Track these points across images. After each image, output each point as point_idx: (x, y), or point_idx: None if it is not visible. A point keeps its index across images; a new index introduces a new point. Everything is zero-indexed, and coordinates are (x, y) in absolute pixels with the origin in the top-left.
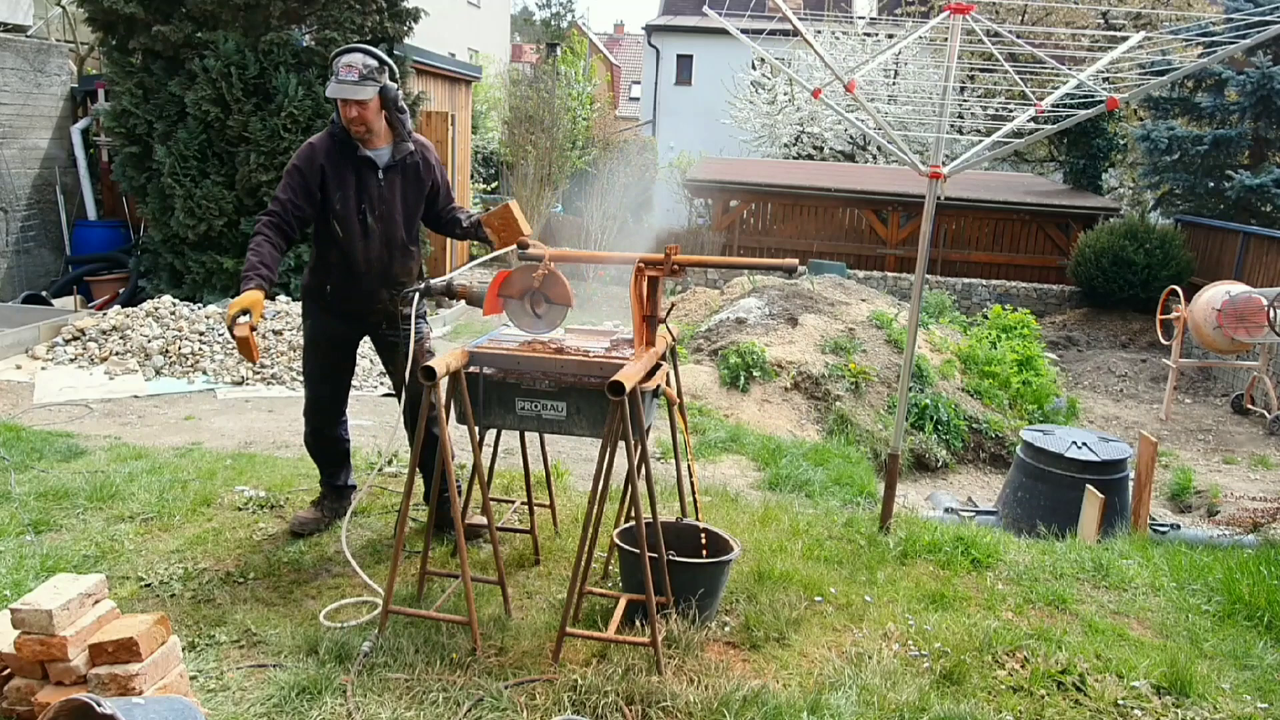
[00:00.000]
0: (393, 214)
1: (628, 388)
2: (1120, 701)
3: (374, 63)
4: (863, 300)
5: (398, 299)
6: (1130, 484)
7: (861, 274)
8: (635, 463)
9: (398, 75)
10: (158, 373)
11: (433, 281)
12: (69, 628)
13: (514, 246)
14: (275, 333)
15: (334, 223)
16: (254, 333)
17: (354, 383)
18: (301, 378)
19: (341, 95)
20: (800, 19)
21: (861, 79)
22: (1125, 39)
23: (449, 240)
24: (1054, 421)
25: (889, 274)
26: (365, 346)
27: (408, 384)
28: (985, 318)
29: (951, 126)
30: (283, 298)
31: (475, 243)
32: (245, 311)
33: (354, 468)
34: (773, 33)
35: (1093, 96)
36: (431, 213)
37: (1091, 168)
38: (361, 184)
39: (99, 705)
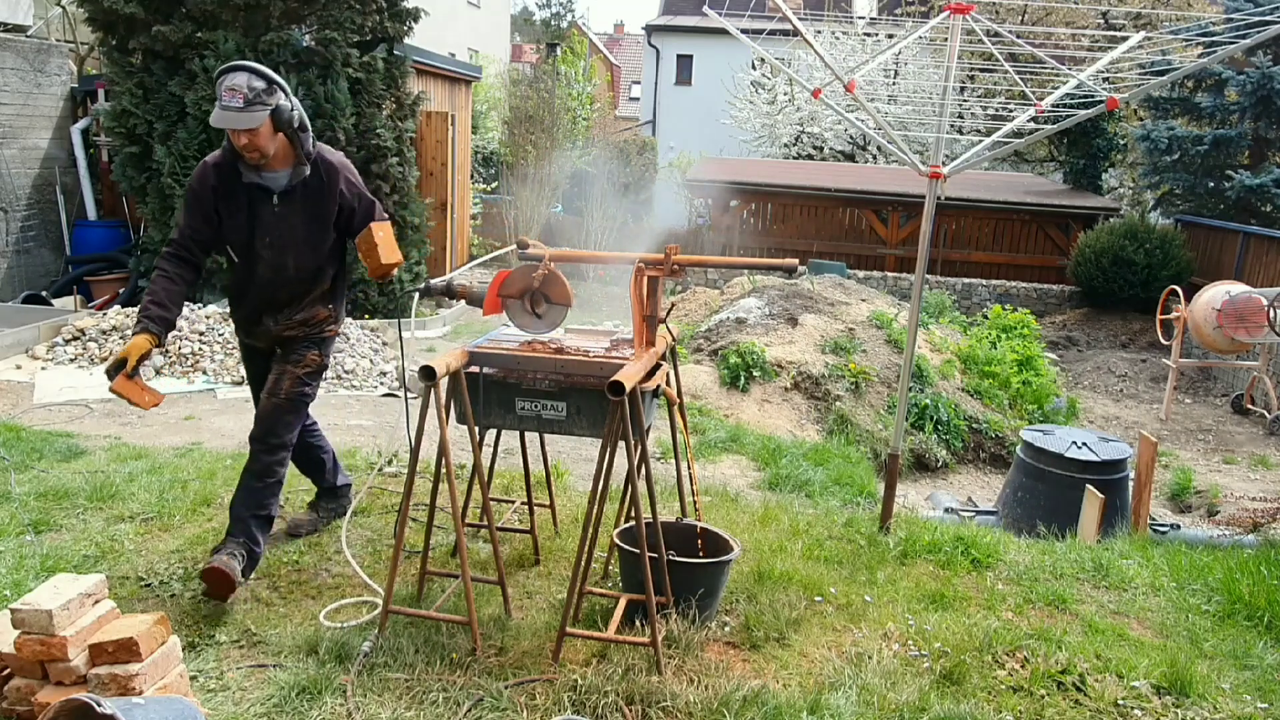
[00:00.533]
0: (285, 242)
1: (628, 388)
2: (1120, 701)
3: (260, 84)
4: (863, 300)
5: (283, 326)
6: (1130, 484)
7: (861, 274)
8: (635, 463)
9: (289, 91)
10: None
11: (433, 281)
12: (69, 628)
13: (513, 246)
14: None
15: (227, 247)
16: (137, 378)
17: (354, 383)
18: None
19: (225, 125)
20: (800, 19)
21: (861, 79)
22: (1125, 39)
23: (449, 240)
24: (1054, 421)
25: (889, 274)
26: (364, 345)
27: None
28: (985, 318)
29: (951, 126)
30: None
31: (475, 243)
32: (123, 361)
33: (354, 468)
34: (773, 33)
35: (1093, 96)
36: (345, 237)
37: (1091, 168)
38: (254, 210)
39: (99, 705)
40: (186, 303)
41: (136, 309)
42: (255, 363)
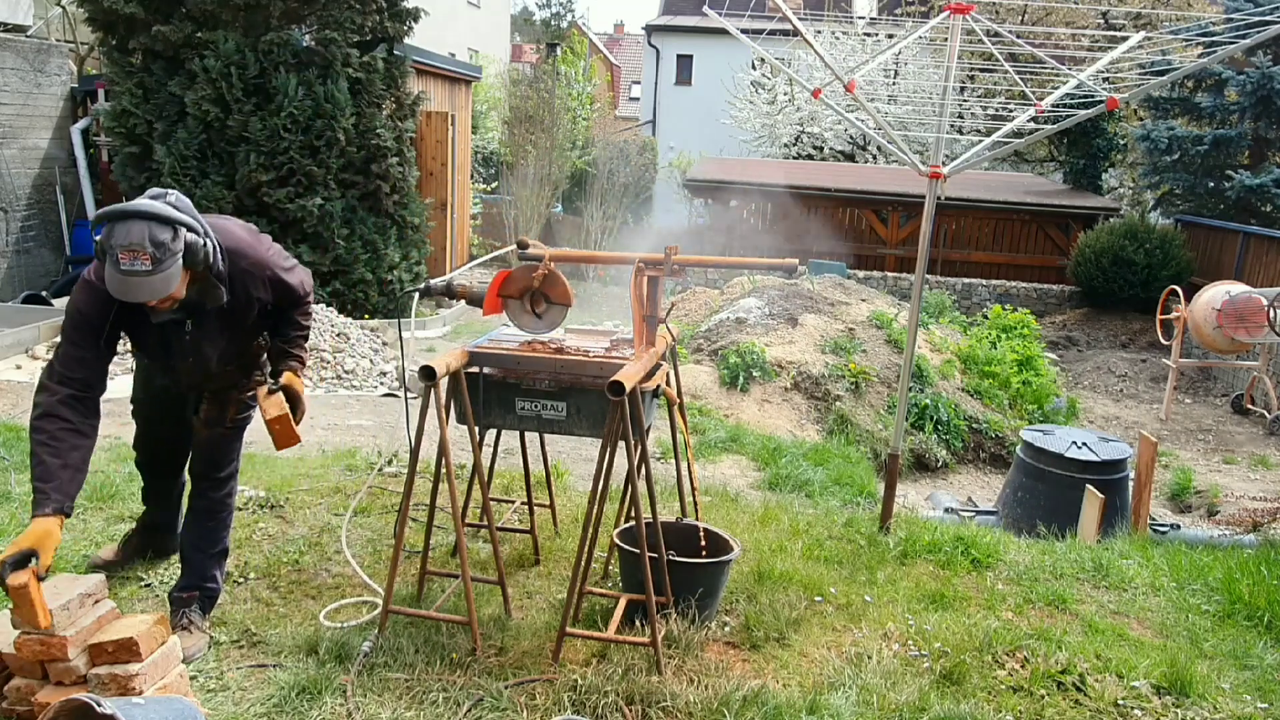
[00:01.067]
0: (206, 355)
1: (628, 388)
2: (1120, 701)
3: (164, 232)
4: (863, 300)
5: (214, 395)
6: (1130, 484)
7: (861, 274)
8: (635, 463)
9: (192, 212)
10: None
11: (433, 282)
12: (69, 628)
13: (513, 246)
14: None
15: (137, 351)
16: (42, 582)
17: (354, 383)
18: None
19: (134, 298)
20: (800, 19)
21: (861, 79)
22: (1125, 39)
23: (449, 240)
24: (1054, 421)
25: (889, 274)
26: (364, 345)
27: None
28: (985, 318)
29: (951, 126)
30: None
31: (475, 243)
32: (30, 554)
33: (354, 468)
34: (773, 33)
35: (1093, 96)
36: (268, 323)
37: (1091, 168)
38: (166, 338)
39: (99, 705)
40: None
41: (32, 478)
42: (169, 396)
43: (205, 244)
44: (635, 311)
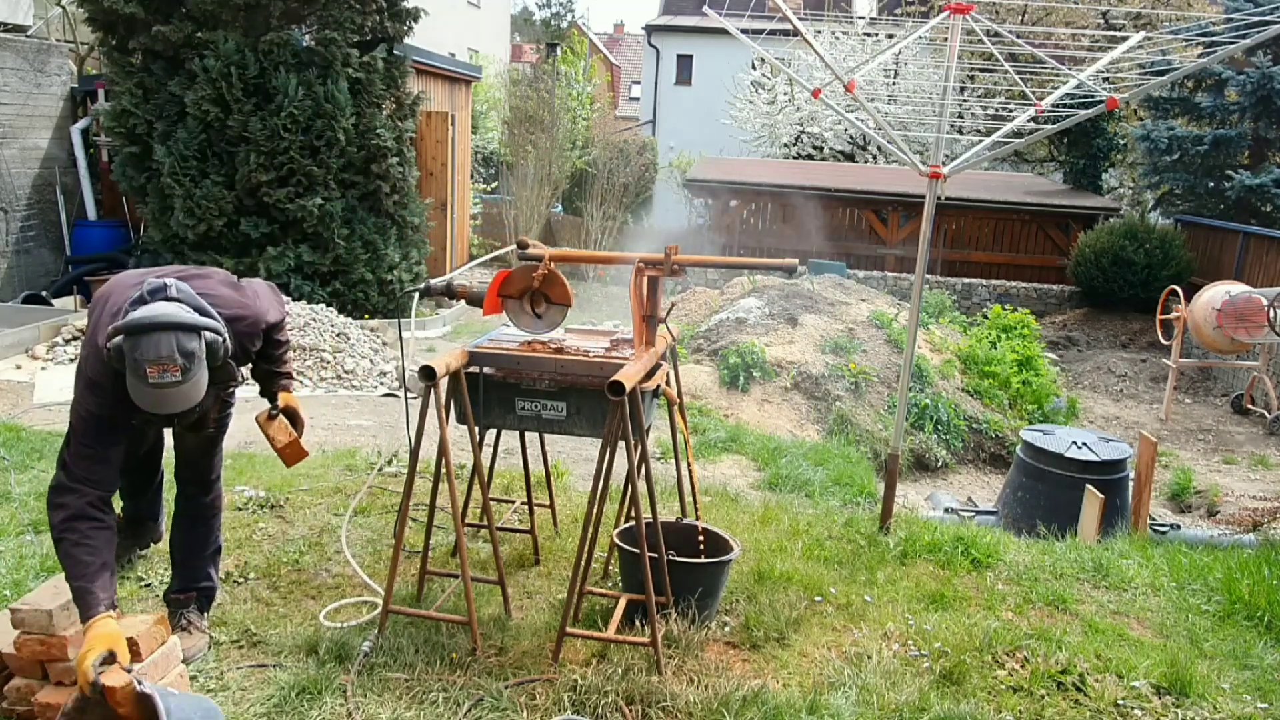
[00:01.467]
0: (204, 420)
1: (628, 388)
2: (1120, 701)
3: (192, 341)
4: (863, 300)
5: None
6: (1130, 484)
7: (861, 274)
8: (635, 463)
9: (209, 320)
10: None
11: (433, 282)
12: (69, 628)
13: (513, 246)
14: None
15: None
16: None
17: (354, 383)
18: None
19: (169, 410)
20: (800, 19)
21: (861, 79)
22: (1125, 39)
23: (449, 240)
24: (1054, 421)
25: (889, 274)
26: (364, 345)
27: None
28: (985, 318)
29: (951, 126)
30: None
31: (475, 243)
32: (112, 656)
33: (354, 468)
34: (773, 33)
35: (1093, 96)
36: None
37: (1091, 168)
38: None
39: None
40: None
41: (75, 594)
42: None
43: (222, 337)
44: (635, 311)
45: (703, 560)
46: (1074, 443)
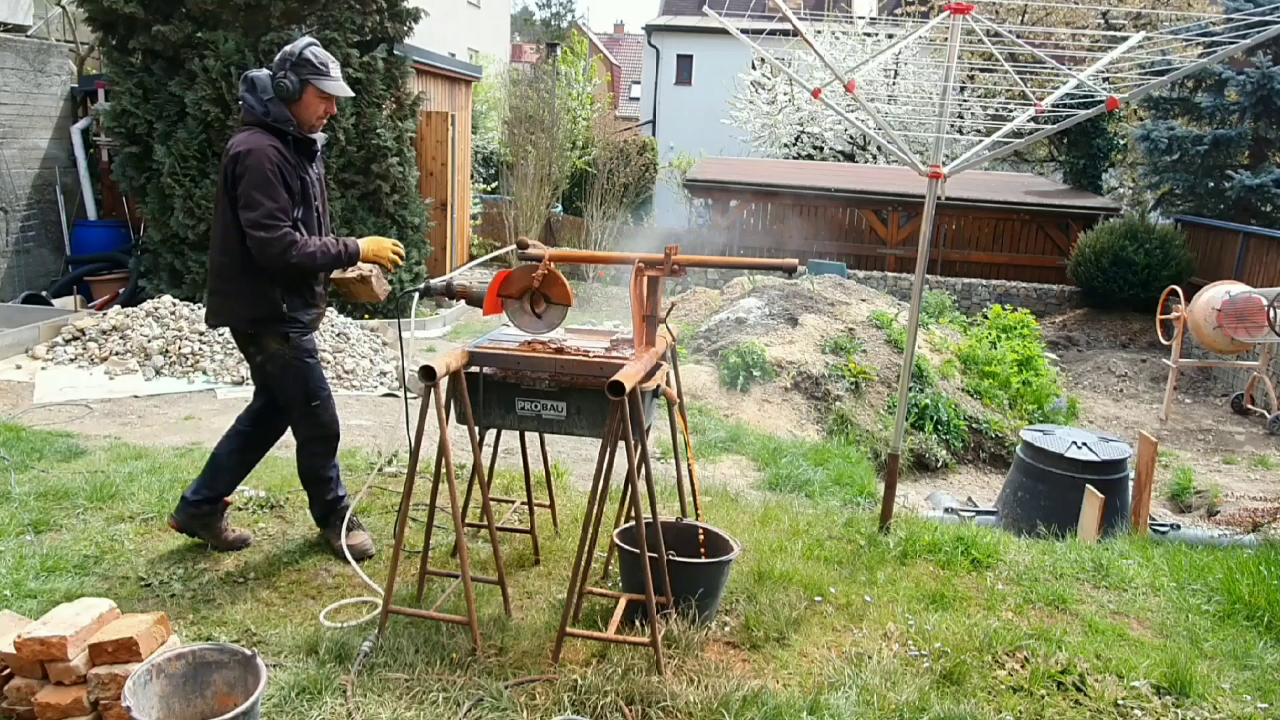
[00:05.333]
0: (323, 203)
1: (628, 388)
2: (1120, 701)
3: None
4: (863, 300)
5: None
6: (1130, 484)
7: (861, 274)
8: (635, 463)
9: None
10: (158, 373)
11: (433, 282)
12: (69, 628)
13: (513, 246)
14: None
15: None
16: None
17: (354, 383)
18: None
19: (348, 91)
20: (800, 19)
21: (861, 79)
22: (1125, 39)
23: (449, 240)
24: (1054, 421)
25: (889, 274)
26: (364, 345)
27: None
28: (985, 318)
29: (951, 126)
30: None
31: (475, 243)
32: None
33: (354, 468)
34: (773, 33)
35: (1093, 96)
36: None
37: (1091, 168)
38: (305, 182)
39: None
40: (186, 302)
41: (333, 258)
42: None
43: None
44: (635, 311)
45: (703, 560)
46: (1074, 443)
